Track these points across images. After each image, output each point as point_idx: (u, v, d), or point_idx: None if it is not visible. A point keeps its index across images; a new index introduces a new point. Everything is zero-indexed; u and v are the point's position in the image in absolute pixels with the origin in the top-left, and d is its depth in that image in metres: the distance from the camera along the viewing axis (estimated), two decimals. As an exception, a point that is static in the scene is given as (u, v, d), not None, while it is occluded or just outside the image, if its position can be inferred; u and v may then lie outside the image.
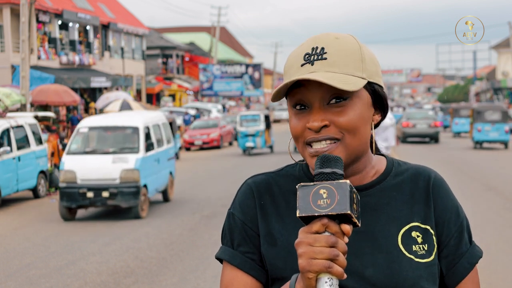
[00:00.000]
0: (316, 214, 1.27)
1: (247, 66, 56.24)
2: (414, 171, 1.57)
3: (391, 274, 1.45)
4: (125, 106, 29.41)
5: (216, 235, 10.13)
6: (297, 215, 1.29)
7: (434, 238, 1.51)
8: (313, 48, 1.44)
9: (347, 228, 1.28)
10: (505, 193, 14.40)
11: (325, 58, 1.42)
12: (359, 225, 1.30)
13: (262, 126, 26.07)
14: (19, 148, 15.06)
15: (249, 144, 25.87)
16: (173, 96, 54.32)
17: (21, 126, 15.38)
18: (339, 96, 1.42)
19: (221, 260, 1.58)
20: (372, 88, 1.48)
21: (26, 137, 15.50)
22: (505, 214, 11.93)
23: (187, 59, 61.17)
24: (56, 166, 16.78)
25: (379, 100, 1.50)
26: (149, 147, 12.94)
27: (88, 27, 40.64)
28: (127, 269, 8.61)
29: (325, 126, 1.42)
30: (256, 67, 55.87)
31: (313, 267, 1.26)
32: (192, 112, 40.04)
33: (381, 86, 1.51)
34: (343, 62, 1.42)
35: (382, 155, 1.61)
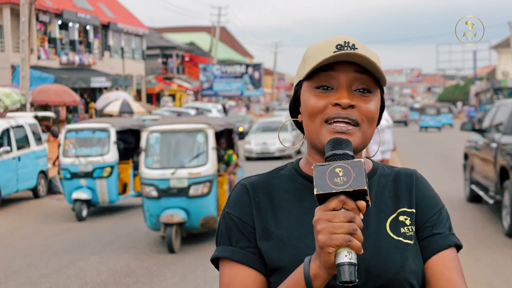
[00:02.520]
0: (334, 191, 1.32)
1: (247, 66, 56.23)
2: (396, 173, 1.66)
3: (380, 258, 1.50)
4: (125, 106, 29.42)
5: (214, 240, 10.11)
6: (315, 193, 1.33)
7: None
8: (345, 42, 1.52)
9: (363, 204, 1.33)
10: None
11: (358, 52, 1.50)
12: (370, 205, 1.35)
13: (111, 154, 12.59)
14: (19, 148, 15.07)
15: (80, 194, 12.38)
16: (173, 96, 54.32)
17: (21, 126, 15.39)
18: (365, 88, 1.53)
19: (216, 263, 1.61)
20: (382, 95, 1.61)
21: (26, 137, 15.50)
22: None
23: (187, 59, 61.18)
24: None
25: (381, 107, 1.61)
26: None
27: (88, 27, 40.64)
28: (127, 269, 8.62)
29: (352, 106, 1.50)
30: (256, 67, 55.86)
31: (334, 241, 1.30)
32: (192, 112, 40.02)
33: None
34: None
35: (368, 158, 1.69)
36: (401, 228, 1.55)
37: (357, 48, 1.51)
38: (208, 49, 62.97)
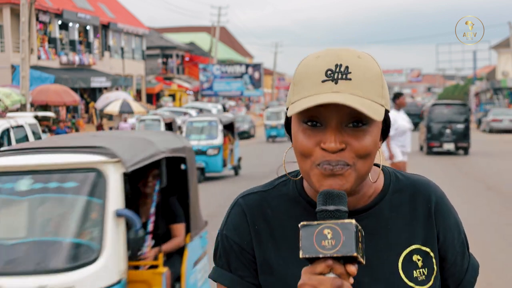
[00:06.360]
0: (321, 256, 1.22)
1: (247, 66, 56.28)
2: (412, 189, 1.50)
3: None
4: (125, 106, 29.43)
5: (216, 235, 10.11)
6: (300, 256, 1.24)
7: (434, 261, 1.48)
8: (336, 65, 1.34)
9: (352, 269, 1.23)
10: (505, 192, 14.41)
11: (350, 79, 1.33)
12: (364, 263, 1.25)
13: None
14: (19, 148, 15.07)
15: None
16: (173, 96, 54.36)
17: (21, 126, 15.39)
18: (358, 121, 1.35)
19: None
20: (385, 116, 1.42)
21: (26, 137, 15.50)
22: (505, 213, 11.94)
23: (187, 59, 61.23)
24: None
25: (386, 128, 1.46)
26: None
27: (88, 27, 40.67)
28: (127, 269, 8.61)
29: (341, 149, 1.34)
30: (256, 67, 55.91)
31: None
32: (193, 112, 40.01)
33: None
34: (366, 86, 1.34)
35: (378, 165, 1.53)
36: (414, 271, 1.44)
37: (350, 73, 1.33)
38: (208, 49, 63.00)
